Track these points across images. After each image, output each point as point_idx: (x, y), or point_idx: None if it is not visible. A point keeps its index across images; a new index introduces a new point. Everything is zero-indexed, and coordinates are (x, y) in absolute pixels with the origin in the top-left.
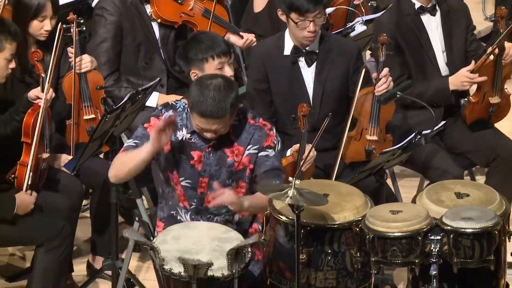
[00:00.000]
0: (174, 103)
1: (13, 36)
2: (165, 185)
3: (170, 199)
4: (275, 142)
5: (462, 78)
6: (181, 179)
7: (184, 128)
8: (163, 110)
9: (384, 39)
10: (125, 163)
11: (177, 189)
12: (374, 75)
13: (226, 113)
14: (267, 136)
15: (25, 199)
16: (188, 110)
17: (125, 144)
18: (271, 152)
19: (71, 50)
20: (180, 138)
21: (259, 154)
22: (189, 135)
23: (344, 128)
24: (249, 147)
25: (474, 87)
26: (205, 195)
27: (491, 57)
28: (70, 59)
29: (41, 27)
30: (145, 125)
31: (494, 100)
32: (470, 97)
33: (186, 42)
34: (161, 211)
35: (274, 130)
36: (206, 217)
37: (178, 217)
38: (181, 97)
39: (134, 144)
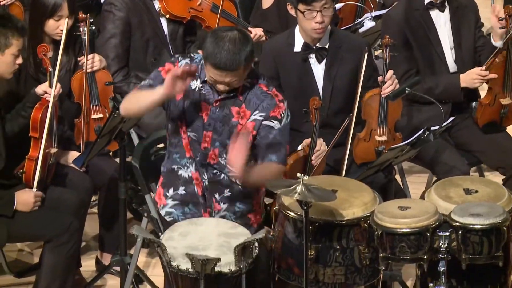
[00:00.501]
0: (192, 55)
1: (20, 32)
2: (173, 135)
3: (176, 149)
4: (282, 115)
5: (473, 76)
6: (188, 130)
7: (198, 78)
8: (179, 58)
9: (388, 41)
10: (137, 100)
11: (185, 138)
12: (379, 78)
13: (240, 65)
14: (275, 107)
15: (25, 196)
16: (203, 61)
17: (141, 84)
18: (276, 124)
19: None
20: (193, 87)
21: (263, 122)
22: (201, 85)
23: (350, 123)
24: (255, 112)
25: (484, 88)
26: (208, 150)
27: (500, 57)
28: (79, 58)
29: (57, 26)
30: (160, 68)
31: (506, 101)
32: (481, 99)
33: (205, 36)
34: (163, 166)
35: (285, 103)
36: (212, 172)
37: (180, 172)
38: None
39: (148, 84)
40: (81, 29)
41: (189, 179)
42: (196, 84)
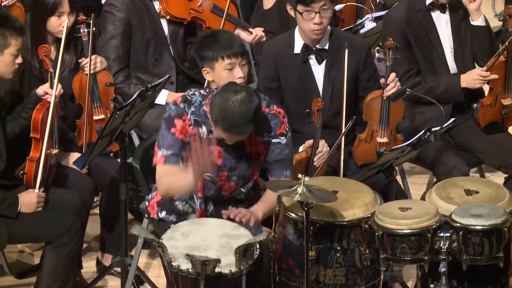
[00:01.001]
0: (189, 98)
1: (19, 32)
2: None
3: None
4: (287, 129)
5: (474, 76)
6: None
7: (203, 125)
8: (185, 108)
9: (391, 43)
10: (173, 188)
11: (200, 182)
12: (382, 80)
13: (251, 129)
14: (281, 124)
15: (28, 197)
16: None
17: (161, 154)
18: (283, 140)
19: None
20: (200, 134)
21: (272, 141)
22: (207, 132)
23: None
24: (264, 134)
25: (486, 88)
26: (223, 186)
27: (501, 57)
28: (80, 60)
29: (59, 24)
30: (172, 130)
31: (507, 101)
32: (483, 100)
33: (203, 38)
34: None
35: (286, 116)
36: (220, 206)
37: (176, 203)
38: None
39: (170, 153)
40: (81, 30)
41: (183, 212)
42: (203, 132)
